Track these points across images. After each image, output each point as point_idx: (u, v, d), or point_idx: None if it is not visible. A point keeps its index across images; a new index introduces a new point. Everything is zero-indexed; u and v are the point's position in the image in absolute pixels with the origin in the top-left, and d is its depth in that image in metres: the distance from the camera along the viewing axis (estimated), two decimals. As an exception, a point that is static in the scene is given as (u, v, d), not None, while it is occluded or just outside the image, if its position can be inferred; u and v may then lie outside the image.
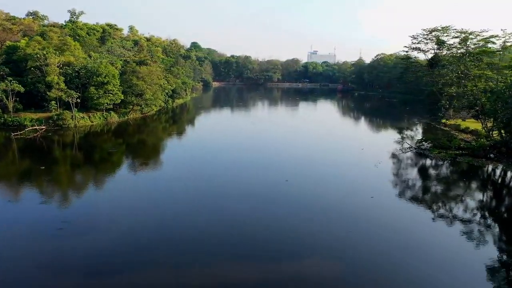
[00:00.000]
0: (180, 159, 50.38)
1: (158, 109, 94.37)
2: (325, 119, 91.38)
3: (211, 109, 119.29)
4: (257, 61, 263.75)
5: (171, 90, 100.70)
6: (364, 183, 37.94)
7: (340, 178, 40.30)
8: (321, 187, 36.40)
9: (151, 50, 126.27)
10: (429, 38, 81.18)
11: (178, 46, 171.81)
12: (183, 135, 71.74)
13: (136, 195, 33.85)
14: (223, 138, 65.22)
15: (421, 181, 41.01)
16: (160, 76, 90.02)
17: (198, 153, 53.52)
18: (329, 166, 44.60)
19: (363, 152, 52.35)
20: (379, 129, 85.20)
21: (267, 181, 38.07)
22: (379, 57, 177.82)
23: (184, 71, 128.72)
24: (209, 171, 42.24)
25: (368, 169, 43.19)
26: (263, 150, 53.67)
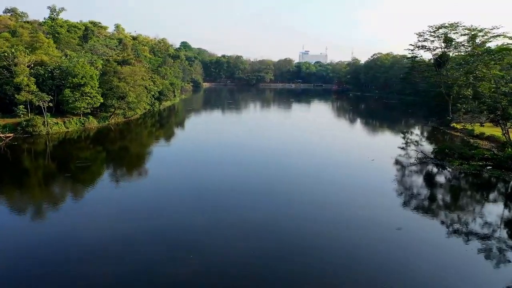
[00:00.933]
0: (166, 169, 44.03)
1: (144, 113, 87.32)
2: (323, 124, 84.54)
3: (201, 112, 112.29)
4: (249, 61, 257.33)
5: (158, 91, 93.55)
6: (384, 208, 31.35)
7: (352, 205, 32.18)
8: (335, 220, 29.67)
9: (137, 49, 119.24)
10: (437, 36, 75.23)
11: (166, 45, 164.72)
12: (170, 141, 65.19)
13: (112, 215, 28.28)
14: (214, 146, 58.43)
15: (452, 203, 34.39)
16: (145, 77, 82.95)
17: (186, 162, 47.33)
18: (339, 187, 37.52)
19: (373, 164, 45.86)
20: (383, 134, 77.69)
21: (269, 208, 31.38)
22: (375, 56, 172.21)
23: (172, 72, 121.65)
24: (197, 185, 36.48)
25: (384, 188, 36.39)
26: (259, 164, 46.83)
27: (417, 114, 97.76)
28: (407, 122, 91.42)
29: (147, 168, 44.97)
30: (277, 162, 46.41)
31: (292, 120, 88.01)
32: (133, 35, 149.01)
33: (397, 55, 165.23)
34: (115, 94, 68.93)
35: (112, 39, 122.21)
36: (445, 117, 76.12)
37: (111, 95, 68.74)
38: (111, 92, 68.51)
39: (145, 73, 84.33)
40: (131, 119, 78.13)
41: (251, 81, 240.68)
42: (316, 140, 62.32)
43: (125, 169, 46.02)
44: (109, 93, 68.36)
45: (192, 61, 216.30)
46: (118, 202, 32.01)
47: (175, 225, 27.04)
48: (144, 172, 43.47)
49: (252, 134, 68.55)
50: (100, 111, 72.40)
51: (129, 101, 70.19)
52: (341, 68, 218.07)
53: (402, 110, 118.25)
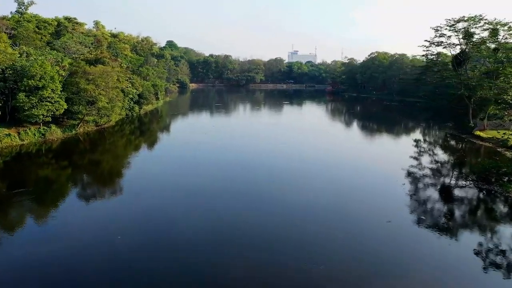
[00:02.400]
0: (145, 186, 36.35)
1: (121, 119, 76.46)
2: (325, 133, 73.68)
3: (187, 116, 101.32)
4: (238, 61, 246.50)
5: (137, 94, 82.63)
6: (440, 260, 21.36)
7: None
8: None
9: (116, 47, 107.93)
10: (457, 30, 65.69)
11: (150, 43, 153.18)
12: (151, 151, 55.68)
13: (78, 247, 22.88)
14: (200, 158, 48.49)
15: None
16: (121, 78, 72.11)
17: (169, 177, 39.46)
18: (368, 226, 27.60)
19: (405, 189, 35.75)
20: (399, 144, 64.49)
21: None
22: (372, 55, 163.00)
23: (155, 72, 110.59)
24: (181, 207, 30.66)
25: (433, 232, 26.29)
26: (253, 185, 36.81)
27: (427, 118, 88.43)
28: (422, 130, 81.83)
29: (122, 186, 37.25)
30: (279, 191, 35.63)
31: (289, 127, 77.73)
32: (113, 33, 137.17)
33: (395, 54, 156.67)
34: (82, 99, 57.88)
35: (89, 36, 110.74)
36: (465, 123, 66.84)
37: (78, 100, 57.72)
38: (78, 97, 57.49)
39: (121, 74, 73.47)
40: (104, 127, 67.16)
41: (240, 82, 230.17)
42: (321, 156, 51.96)
43: (95, 188, 37.81)
44: (75, 98, 57.36)
45: (178, 60, 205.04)
46: (81, 230, 24.65)
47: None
48: (118, 190, 36.22)
49: (243, 146, 58.09)
50: (67, 118, 61.48)
51: (100, 106, 59.15)
52: (335, 68, 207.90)
53: (407, 113, 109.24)
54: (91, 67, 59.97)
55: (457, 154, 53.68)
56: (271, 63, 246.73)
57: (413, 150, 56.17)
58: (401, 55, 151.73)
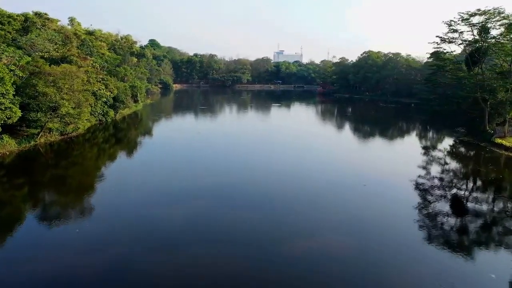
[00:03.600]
0: (118, 206, 30.48)
1: (93, 125, 67.51)
2: (325, 139, 66.10)
3: (170, 119, 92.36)
4: (224, 61, 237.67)
5: (112, 97, 73.51)
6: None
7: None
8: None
9: (91, 45, 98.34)
10: (472, 24, 58.43)
11: (130, 42, 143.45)
12: (127, 161, 47.89)
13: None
14: (186, 168, 41.65)
15: None
16: (92, 79, 63.09)
17: (146, 196, 32.85)
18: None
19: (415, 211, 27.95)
20: (406, 152, 56.72)
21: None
22: (365, 55, 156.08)
23: (133, 72, 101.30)
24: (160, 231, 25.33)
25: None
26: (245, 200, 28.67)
27: (432, 122, 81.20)
28: (425, 133, 74.75)
29: (92, 203, 31.14)
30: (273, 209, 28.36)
31: (282, 135, 69.29)
32: (89, 30, 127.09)
33: (388, 54, 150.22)
34: (42, 104, 48.69)
35: (61, 33, 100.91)
36: (480, 129, 59.77)
37: (36, 106, 48.51)
38: (36, 102, 48.29)
39: (93, 74, 64.43)
40: (72, 136, 57.98)
41: (226, 82, 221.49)
42: (319, 168, 43.95)
43: (58, 210, 30.68)
44: (32, 103, 48.15)
45: (161, 60, 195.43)
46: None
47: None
48: (87, 208, 30.07)
49: (231, 158, 49.65)
50: (26, 127, 52.22)
51: (63, 113, 49.98)
52: (325, 68, 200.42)
53: (408, 116, 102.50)
54: (52, 66, 50.76)
55: (481, 166, 46.25)
56: (258, 63, 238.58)
57: (425, 160, 49.07)
58: (395, 54, 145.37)
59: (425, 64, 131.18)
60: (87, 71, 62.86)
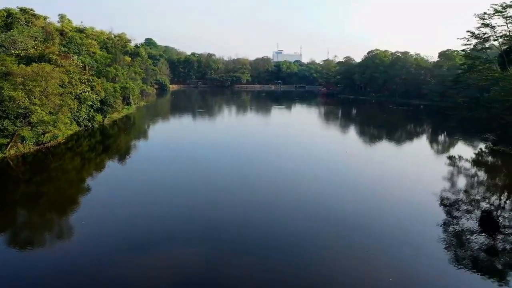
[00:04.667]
0: (104, 230, 25.63)
1: (77, 132, 60.17)
2: (338, 149, 57.95)
3: (164, 124, 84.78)
4: (222, 60, 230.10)
5: (99, 100, 66.08)
6: None
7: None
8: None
9: (79, 43, 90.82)
10: (507, 17, 51.02)
11: (123, 40, 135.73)
12: (116, 172, 42.00)
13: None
14: (179, 184, 35.13)
15: None
16: (75, 81, 55.65)
17: (136, 225, 26.85)
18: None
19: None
20: (436, 165, 47.29)
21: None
22: (372, 53, 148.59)
23: (125, 72, 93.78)
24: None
25: None
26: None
27: (453, 127, 73.37)
28: (450, 140, 67.22)
29: (72, 223, 26.60)
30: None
31: (289, 146, 61.57)
32: (79, 27, 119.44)
33: (396, 53, 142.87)
34: (9, 111, 41.20)
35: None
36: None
37: (2, 112, 41.05)
38: (1, 108, 40.83)
39: (75, 75, 56.96)
40: (49, 146, 50.48)
41: (225, 83, 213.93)
42: (341, 188, 36.66)
43: (29, 235, 26.02)
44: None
45: (157, 60, 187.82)
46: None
47: None
48: (66, 230, 26.00)
49: (233, 173, 42.17)
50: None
51: (35, 120, 42.42)
52: (329, 67, 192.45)
53: (423, 120, 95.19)
54: (21, 66, 43.20)
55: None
56: (257, 63, 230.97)
57: (452, 170, 42.08)
58: (404, 53, 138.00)
59: (436, 64, 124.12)
60: (68, 71, 55.42)
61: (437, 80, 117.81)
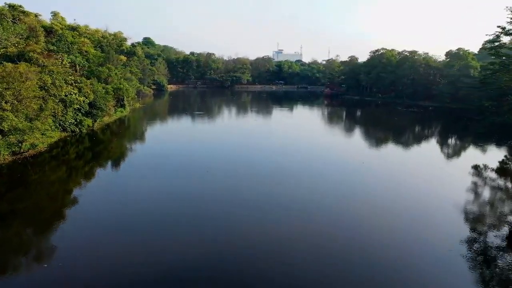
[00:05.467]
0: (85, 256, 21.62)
1: (63, 138, 54.67)
2: (354, 159, 51.55)
3: (161, 128, 78.83)
4: (222, 60, 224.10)
5: (88, 103, 60.46)
6: None
7: None
8: None
9: (70, 41, 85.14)
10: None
11: (119, 38, 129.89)
12: (102, 190, 35.74)
13: None
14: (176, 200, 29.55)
15: None
16: (60, 82, 50.01)
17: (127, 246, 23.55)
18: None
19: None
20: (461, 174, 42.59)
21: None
22: (378, 53, 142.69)
23: (119, 72, 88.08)
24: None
25: None
26: None
27: (480, 133, 66.88)
28: (473, 147, 61.67)
29: (54, 247, 22.76)
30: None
31: (300, 150, 55.85)
32: (72, 25, 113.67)
33: (403, 52, 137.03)
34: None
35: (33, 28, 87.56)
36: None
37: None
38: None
39: (59, 76, 51.32)
40: (29, 155, 44.84)
41: (225, 83, 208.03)
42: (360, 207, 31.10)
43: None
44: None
45: (154, 59, 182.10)
46: None
47: None
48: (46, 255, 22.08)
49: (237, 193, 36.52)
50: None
51: (7, 128, 36.73)
52: (333, 67, 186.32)
53: (436, 124, 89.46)
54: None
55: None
56: (258, 62, 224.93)
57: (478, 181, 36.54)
58: (412, 52, 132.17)
59: (447, 64, 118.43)
60: (51, 72, 49.78)
61: (448, 80, 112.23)
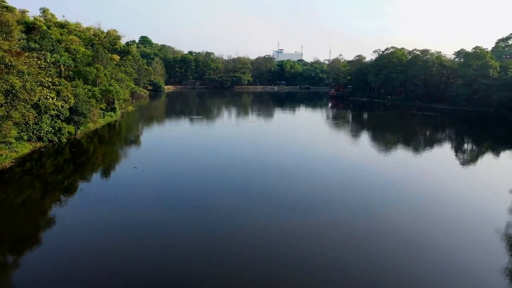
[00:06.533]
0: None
1: (37, 149, 47.29)
2: (383, 180, 42.64)
3: (153, 135, 70.52)
4: (222, 59, 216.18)
5: (69, 108, 52.72)
6: None
7: None
8: None
9: (56, 39, 77.48)
10: None
11: (112, 37, 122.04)
12: (91, 204, 30.92)
13: None
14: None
15: None
16: (31, 84, 42.40)
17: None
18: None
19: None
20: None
21: None
22: (388, 51, 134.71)
23: (108, 73, 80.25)
24: None
25: None
26: None
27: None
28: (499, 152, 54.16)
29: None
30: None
31: (318, 164, 47.58)
32: (60, 22, 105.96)
33: (414, 50, 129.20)
34: None
35: (20, 24, 79.94)
36: None
37: None
38: None
39: (30, 77, 43.59)
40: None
41: (225, 83, 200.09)
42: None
43: None
44: None
45: (151, 59, 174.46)
46: None
47: None
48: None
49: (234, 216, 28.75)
50: None
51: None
52: (339, 67, 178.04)
53: (460, 128, 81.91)
54: None
55: None
56: (259, 62, 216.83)
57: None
58: (423, 51, 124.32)
59: (464, 63, 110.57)
60: (21, 73, 42.06)
61: (464, 81, 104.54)
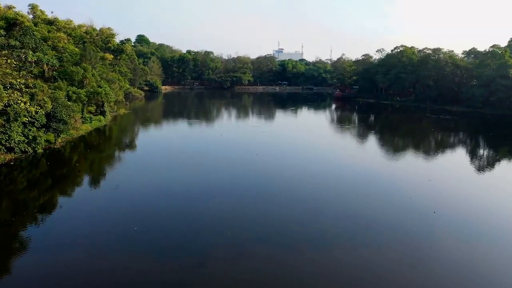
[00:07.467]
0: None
1: (8, 160, 40.85)
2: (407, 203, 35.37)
3: (145, 143, 63.20)
4: (221, 59, 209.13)
5: (46, 113, 45.86)
6: None
7: None
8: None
9: (41, 37, 70.80)
10: None
11: (105, 34, 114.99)
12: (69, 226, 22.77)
13: None
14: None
15: None
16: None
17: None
18: None
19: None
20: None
21: None
22: (397, 50, 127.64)
23: (97, 73, 73.40)
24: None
25: None
26: None
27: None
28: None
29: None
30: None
31: (340, 180, 40.73)
32: (49, 18, 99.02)
33: (425, 49, 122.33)
34: None
35: (1, 20, 73.11)
36: None
37: None
38: None
39: (1, 78, 36.88)
40: None
41: (224, 84, 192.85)
42: None
43: None
44: None
45: (147, 58, 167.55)
46: None
47: None
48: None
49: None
50: None
51: None
52: (344, 67, 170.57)
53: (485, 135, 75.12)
54: None
55: None
56: (260, 61, 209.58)
57: None
58: (435, 50, 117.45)
59: (480, 63, 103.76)
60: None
61: (481, 82, 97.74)
